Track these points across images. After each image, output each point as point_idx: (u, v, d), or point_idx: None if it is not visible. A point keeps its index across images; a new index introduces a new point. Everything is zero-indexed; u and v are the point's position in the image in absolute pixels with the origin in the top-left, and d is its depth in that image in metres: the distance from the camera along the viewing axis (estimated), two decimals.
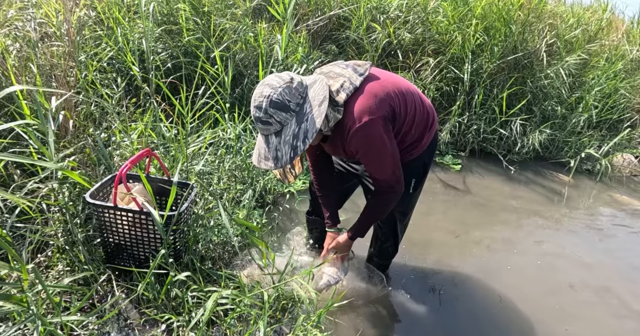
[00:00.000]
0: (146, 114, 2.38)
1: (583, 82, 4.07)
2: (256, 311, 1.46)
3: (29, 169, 1.96)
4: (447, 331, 1.86)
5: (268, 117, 1.27)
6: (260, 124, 1.30)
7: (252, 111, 1.30)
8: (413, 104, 1.49)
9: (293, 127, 1.29)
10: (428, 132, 1.61)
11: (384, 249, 1.97)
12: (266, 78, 1.31)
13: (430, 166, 1.73)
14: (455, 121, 3.67)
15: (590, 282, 2.29)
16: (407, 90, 1.48)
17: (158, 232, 1.63)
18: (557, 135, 3.86)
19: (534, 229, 2.80)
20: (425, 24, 3.76)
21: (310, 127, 1.27)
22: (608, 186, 3.62)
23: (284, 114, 1.28)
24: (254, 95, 1.30)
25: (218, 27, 3.04)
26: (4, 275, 1.61)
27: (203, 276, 1.68)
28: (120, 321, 1.60)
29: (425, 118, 1.56)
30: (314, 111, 1.28)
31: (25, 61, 2.24)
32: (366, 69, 1.40)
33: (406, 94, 1.46)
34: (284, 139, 1.29)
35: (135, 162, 1.63)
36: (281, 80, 1.28)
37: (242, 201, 2.25)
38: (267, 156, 1.33)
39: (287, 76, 1.30)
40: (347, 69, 1.38)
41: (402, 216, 1.83)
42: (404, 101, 1.44)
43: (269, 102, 1.26)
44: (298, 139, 1.28)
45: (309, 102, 1.29)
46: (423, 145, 1.62)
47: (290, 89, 1.28)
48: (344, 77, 1.36)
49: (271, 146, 1.32)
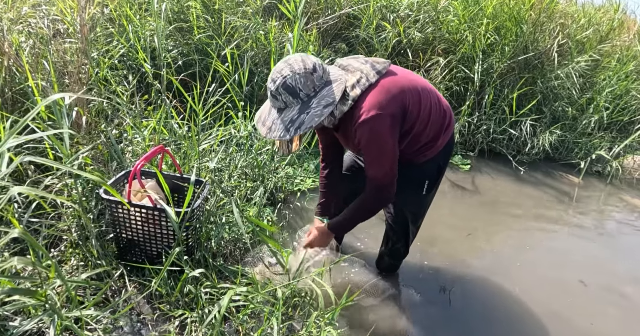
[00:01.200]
0: (158, 111, 2.39)
1: (594, 83, 4.04)
2: (269, 308, 1.46)
3: (42, 164, 1.98)
4: (458, 329, 1.85)
5: (277, 94, 1.33)
6: (270, 95, 1.36)
7: (268, 80, 1.36)
8: (428, 102, 1.48)
9: (294, 113, 1.33)
10: (444, 133, 1.59)
11: (395, 250, 1.97)
12: (293, 56, 1.34)
13: (445, 169, 1.72)
14: (465, 121, 3.65)
15: (601, 280, 2.29)
16: (423, 88, 1.48)
17: (171, 228, 1.64)
18: (567, 136, 3.83)
19: (543, 228, 2.79)
20: (436, 23, 3.74)
21: (307, 121, 1.32)
22: (618, 188, 3.59)
23: (291, 99, 1.33)
24: (276, 67, 1.34)
25: (229, 25, 3.04)
26: (19, 270, 1.62)
27: (215, 272, 1.69)
28: (133, 316, 1.61)
29: (442, 117, 1.56)
30: (318, 109, 1.32)
31: (39, 58, 2.26)
32: (384, 67, 1.41)
33: (421, 92, 1.46)
34: (282, 118, 1.34)
35: (149, 159, 1.64)
36: (304, 66, 1.30)
37: (252, 198, 2.26)
38: (264, 123, 1.39)
39: (312, 64, 1.32)
40: (365, 64, 1.40)
41: (414, 218, 1.82)
42: (418, 98, 1.44)
43: (282, 83, 1.30)
44: (293, 125, 1.33)
45: (319, 98, 1.33)
46: (438, 146, 1.60)
47: (307, 80, 1.30)
48: (362, 73, 1.38)
49: (270, 117, 1.38)
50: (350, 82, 1.38)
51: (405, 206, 1.77)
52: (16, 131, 1.02)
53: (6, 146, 0.93)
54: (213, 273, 1.63)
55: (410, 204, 1.76)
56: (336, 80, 1.36)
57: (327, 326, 1.35)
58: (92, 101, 2.43)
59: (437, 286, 2.09)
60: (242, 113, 2.48)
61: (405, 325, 1.84)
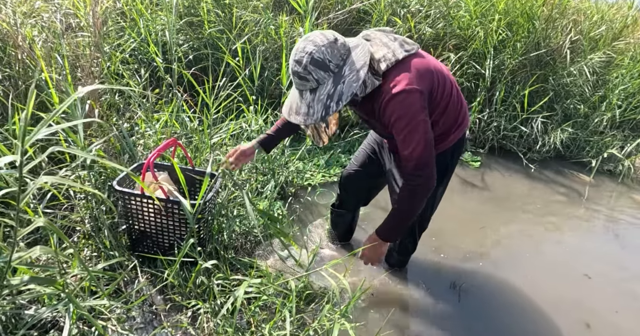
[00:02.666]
0: (169, 104, 2.40)
1: (606, 81, 3.98)
2: (280, 300, 1.46)
3: (56, 156, 1.99)
4: (468, 322, 1.85)
5: (307, 74, 1.26)
6: (297, 79, 1.29)
7: (290, 64, 1.29)
8: (451, 91, 1.44)
9: (329, 87, 1.27)
10: (457, 129, 1.55)
11: (403, 246, 1.97)
12: (310, 33, 1.29)
13: (453, 167, 1.68)
14: (475, 118, 3.63)
15: (612, 277, 2.28)
16: (448, 77, 1.44)
17: (183, 220, 1.65)
18: (578, 134, 3.79)
19: (553, 225, 2.77)
20: (447, 18, 3.71)
21: (345, 90, 1.26)
22: (630, 187, 3.54)
23: (322, 73, 1.26)
24: (295, 48, 1.28)
25: (239, 20, 3.04)
26: (33, 260, 1.64)
27: (227, 264, 1.69)
28: (145, 307, 1.62)
29: (457, 111, 1.52)
30: (352, 75, 1.26)
31: (51, 51, 2.27)
32: (413, 48, 1.35)
33: (447, 79, 1.42)
34: (318, 97, 1.28)
35: (162, 151, 1.65)
36: (325, 38, 1.26)
37: (263, 192, 2.26)
38: (298, 111, 1.32)
39: (332, 35, 1.27)
40: (394, 42, 1.34)
41: (421, 215, 1.78)
42: (443, 84, 1.40)
43: (310, 59, 1.24)
44: (332, 99, 1.27)
45: (348, 64, 1.27)
46: (449, 141, 1.57)
47: (333, 49, 1.25)
48: (389, 49, 1.32)
49: (304, 102, 1.31)
50: (377, 55, 1.32)
51: None
52: (47, 123, 1.03)
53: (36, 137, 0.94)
54: (225, 264, 1.63)
55: None
56: (357, 44, 1.31)
57: (341, 319, 1.34)
58: (104, 95, 2.45)
59: (447, 279, 2.09)
60: (253, 107, 2.48)
61: (415, 320, 1.84)
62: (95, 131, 2.19)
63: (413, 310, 1.88)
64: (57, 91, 2.01)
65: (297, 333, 1.46)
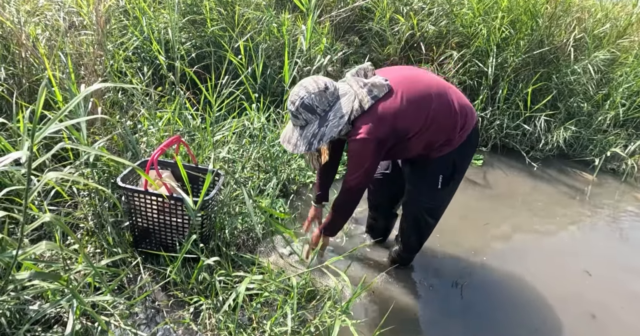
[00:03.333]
0: (172, 102, 2.41)
1: (610, 79, 3.96)
2: (282, 296, 1.47)
3: (59, 154, 2.00)
4: (470, 320, 1.86)
5: (297, 114, 1.51)
6: (291, 115, 1.55)
7: (287, 104, 1.55)
8: (438, 108, 1.54)
9: (314, 128, 1.51)
10: (459, 133, 1.62)
11: (408, 243, 1.99)
12: (307, 79, 1.53)
13: (463, 165, 1.73)
14: (478, 116, 3.61)
15: (614, 274, 2.28)
16: (428, 95, 1.54)
17: (186, 217, 1.66)
18: (582, 132, 3.77)
19: (556, 224, 2.77)
20: (450, 16, 3.70)
21: (327, 132, 1.50)
22: (633, 186, 3.53)
23: (310, 115, 1.51)
24: (292, 91, 1.53)
25: (242, 18, 3.04)
26: (37, 256, 1.65)
27: (229, 261, 1.70)
28: (148, 303, 1.63)
29: (453, 120, 1.59)
30: (335, 120, 1.50)
31: (55, 49, 2.29)
32: (381, 90, 1.50)
33: (426, 102, 1.53)
34: (304, 134, 1.53)
35: (166, 149, 1.66)
36: (317, 86, 1.49)
37: (265, 189, 2.27)
38: (289, 141, 1.58)
39: (323, 83, 1.50)
40: (363, 88, 1.51)
41: (429, 212, 1.83)
42: (417, 111, 1.52)
43: (301, 104, 1.49)
44: (315, 138, 1.51)
45: (334, 111, 1.51)
46: (454, 144, 1.64)
47: (322, 97, 1.49)
48: (358, 100, 1.51)
49: (294, 135, 1.56)
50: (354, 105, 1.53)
51: (419, 200, 1.80)
52: (56, 119, 1.04)
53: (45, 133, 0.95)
54: (227, 261, 1.64)
55: (425, 199, 1.79)
56: (345, 94, 1.53)
57: (342, 316, 1.35)
58: (107, 93, 2.46)
59: (449, 276, 2.10)
60: (255, 105, 2.49)
61: (417, 316, 1.84)
62: (98, 129, 2.20)
63: (415, 306, 1.89)
64: (61, 89, 2.02)
65: (299, 330, 1.47)
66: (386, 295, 1.90)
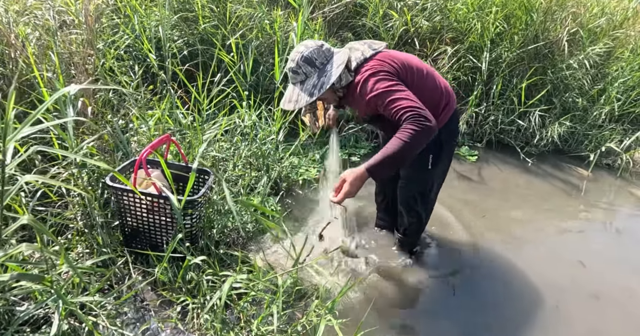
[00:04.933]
0: (163, 101, 2.40)
1: (606, 74, 3.94)
2: (270, 295, 1.48)
3: (48, 154, 2.00)
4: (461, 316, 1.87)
5: (297, 68, 1.63)
6: (291, 73, 1.66)
7: (287, 63, 1.67)
8: (421, 80, 1.67)
9: (314, 80, 1.63)
10: (443, 111, 1.73)
11: (408, 227, 2.05)
12: (304, 41, 1.68)
13: (449, 145, 1.82)
14: (472, 112, 3.61)
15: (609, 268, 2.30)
16: (417, 67, 1.69)
17: (175, 216, 1.66)
18: (577, 128, 3.76)
19: (550, 219, 2.77)
20: (444, 11, 3.67)
21: (326, 81, 1.60)
22: (628, 181, 3.52)
23: (310, 68, 1.63)
24: (292, 52, 1.66)
25: (234, 14, 3.03)
26: (25, 257, 1.66)
27: (218, 260, 1.71)
28: (137, 303, 1.64)
29: (438, 98, 1.71)
30: (333, 70, 1.61)
31: (45, 49, 2.28)
32: (380, 46, 1.70)
33: (415, 70, 1.67)
34: (304, 88, 1.64)
35: (155, 148, 1.65)
36: (314, 44, 1.65)
37: (257, 188, 2.27)
38: (290, 99, 1.67)
39: (320, 42, 1.67)
40: (364, 45, 1.70)
41: (423, 191, 1.91)
42: (410, 73, 1.65)
43: (301, 57, 1.62)
44: (315, 88, 1.62)
45: (331, 63, 1.63)
46: (439, 123, 1.69)
47: (319, 51, 1.63)
48: (359, 51, 1.68)
49: (295, 92, 1.66)
50: (352, 58, 1.66)
51: (412, 181, 1.89)
52: (30, 121, 1.03)
53: (19, 136, 0.94)
54: (215, 260, 1.65)
55: (418, 180, 1.88)
56: (339, 51, 1.69)
57: (328, 315, 1.35)
58: (98, 92, 2.45)
59: (441, 271, 2.12)
60: (246, 103, 2.48)
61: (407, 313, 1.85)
62: (88, 129, 2.20)
63: (406, 302, 1.90)
64: (50, 89, 2.02)
65: (286, 329, 1.47)
66: (377, 292, 1.90)
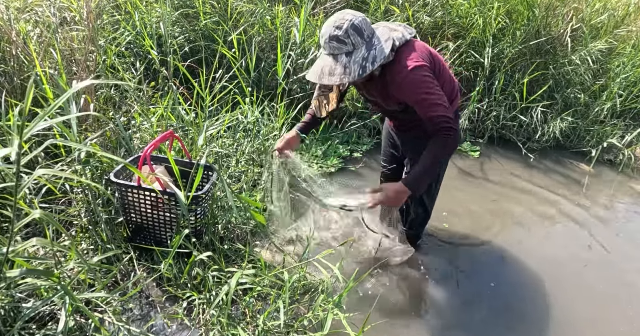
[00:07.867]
0: (165, 97, 2.39)
1: (608, 70, 3.93)
2: (275, 290, 1.48)
3: (52, 151, 2.00)
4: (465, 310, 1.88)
5: (346, 37, 1.46)
6: (335, 42, 1.47)
7: (329, 30, 1.47)
8: (441, 72, 1.66)
9: (363, 52, 1.48)
10: (452, 104, 1.71)
11: (414, 219, 2.05)
12: (343, 11, 1.51)
13: None
14: (474, 107, 3.60)
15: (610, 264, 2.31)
16: (438, 59, 1.68)
17: (179, 212, 1.66)
18: (578, 123, 3.75)
19: (552, 215, 2.77)
20: (445, 7, 3.66)
21: (378, 54, 1.48)
22: (630, 177, 3.51)
23: (359, 39, 1.47)
24: (333, 18, 1.48)
25: (235, 10, 3.02)
26: (30, 253, 1.65)
27: (222, 256, 1.71)
28: (142, 299, 1.64)
29: (451, 88, 1.71)
30: (381, 44, 1.50)
31: (46, 46, 2.27)
32: (413, 32, 1.62)
33: (439, 63, 1.66)
34: (354, 60, 1.48)
35: (159, 144, 1.65)
36: (359, 14, 1.49)
37: (260, 183, 2.26)
38: (333, 73, 1.49)
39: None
40: (400, 27, 1.61)
41: (427, 187, 1.87)
42: (438, 61, 1.65)
43: (351, 25, 1.45)
44: (367, 61, 1.47)
45: (377, 37, 1.51)
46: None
47: (367, 23, 1.50)
48: (399, 32, 1.57)
49: (339, 64, 1.48)
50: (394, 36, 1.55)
51: None
52: (43, 117, 1.03)
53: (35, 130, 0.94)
54: (221, 256, 1.65)
55: None
56: (377, 27, 1.57)
57: (334, 309, 1.36)
58: (100, 89, 2.44)
59: (444, 265, 2.13)
60: (249, 98, 2.47)
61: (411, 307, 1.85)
62: (90, 126, 2.19)
63: (412, 298, 1.91)
64: (52, 86, 2.01)
65: (292, 323, 1.48)
66: (381, 286, 1.91)
